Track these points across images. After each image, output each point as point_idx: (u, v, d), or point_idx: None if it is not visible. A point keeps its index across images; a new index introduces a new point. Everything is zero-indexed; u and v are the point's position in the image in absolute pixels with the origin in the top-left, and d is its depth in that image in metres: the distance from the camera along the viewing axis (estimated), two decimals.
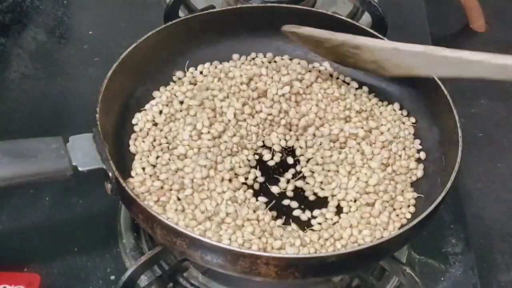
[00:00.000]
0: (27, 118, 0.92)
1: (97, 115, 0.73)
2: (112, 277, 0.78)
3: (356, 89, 0.85)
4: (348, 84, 0.86)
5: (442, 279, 0.80)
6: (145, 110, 0.81)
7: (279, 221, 0.74)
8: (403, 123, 0.83)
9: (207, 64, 0.86)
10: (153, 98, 0.82)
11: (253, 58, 0.87)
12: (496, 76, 0.71)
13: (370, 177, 0.77)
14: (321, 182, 0.77)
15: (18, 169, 0.69)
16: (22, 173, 0.70)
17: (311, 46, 0.83)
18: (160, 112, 0.81)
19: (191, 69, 0.85)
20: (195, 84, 0.84)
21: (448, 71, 0.75)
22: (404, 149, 0.80)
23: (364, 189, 0.76)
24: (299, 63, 0.87)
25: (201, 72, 0.85)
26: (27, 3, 1.06)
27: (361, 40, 0.79)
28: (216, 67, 0.86)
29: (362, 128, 0.81)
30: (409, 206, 0.76)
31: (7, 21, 1.04)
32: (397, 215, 0.75)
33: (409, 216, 0.75)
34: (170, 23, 0.84)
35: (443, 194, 0.70)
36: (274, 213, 0.75)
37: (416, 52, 0.75)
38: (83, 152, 0.71)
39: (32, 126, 0.90)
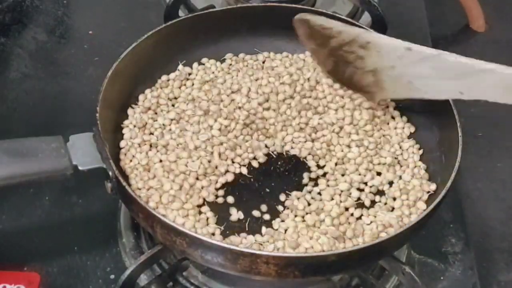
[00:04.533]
0: (27, 117, 0.92)
1: (97, 115, 0.73)
2: (112, 276, 0.78)
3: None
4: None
5: (442, 278, 0.80)
6: (137, 102, 0.82)
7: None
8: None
9: (207, 64, 0.86)
10: (152, 96, 0.83)
11: (251, 58, 0.87)
12: (506, 97, 0.68)
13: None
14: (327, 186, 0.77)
15: (18, 168, 0.70)
16: (22, 172, 0.70)
17: (315, 45, 0.80)
18: (153, 104, 0.81)
19: (190, 68, 0.85)
20: (193, 84, 0.84)
21: (452, 87, 0.72)
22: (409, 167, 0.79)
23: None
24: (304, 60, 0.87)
25: (200, 71, 0.85)
26: (27, 3, 1.06)
27: (373, 37, 0.76)
28: (217, 67, 0.86)
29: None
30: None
31: (7, 21, 1.04)
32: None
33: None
34: (170, 23, 0.84)
35: (442, 194, 0.70)
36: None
37: (428, 55, 0.72)
38: (83, 151, 0.71)
39: (32, 126, 0.90)
